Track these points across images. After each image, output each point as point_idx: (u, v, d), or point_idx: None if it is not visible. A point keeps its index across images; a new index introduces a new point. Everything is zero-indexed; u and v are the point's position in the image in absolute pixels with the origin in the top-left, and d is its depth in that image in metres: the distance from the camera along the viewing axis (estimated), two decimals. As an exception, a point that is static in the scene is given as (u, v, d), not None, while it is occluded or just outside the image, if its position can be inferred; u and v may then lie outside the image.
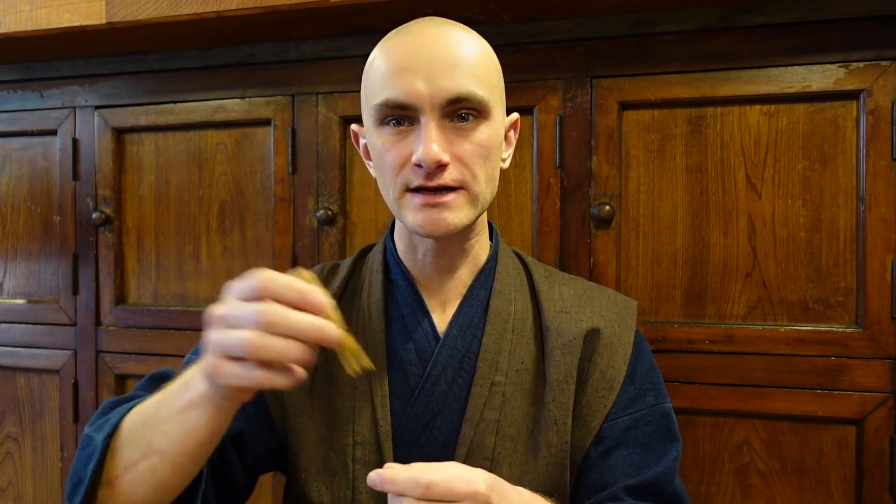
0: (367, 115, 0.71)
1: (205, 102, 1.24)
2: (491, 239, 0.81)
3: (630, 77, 1.05)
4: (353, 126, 0.80)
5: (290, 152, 1.19)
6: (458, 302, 0.76)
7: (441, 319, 0.76)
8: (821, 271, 1.01)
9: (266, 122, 1.22)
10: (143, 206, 1.29)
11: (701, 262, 1.05)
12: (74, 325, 1.32)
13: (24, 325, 1.35)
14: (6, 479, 1.38)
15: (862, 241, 0.98)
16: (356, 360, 0.57)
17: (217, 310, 0.53)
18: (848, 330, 0.99)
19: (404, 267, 0.78)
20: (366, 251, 0.85)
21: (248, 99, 1.22)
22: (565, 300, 0.78)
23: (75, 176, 1.31)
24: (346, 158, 1.18)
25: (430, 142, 0.65)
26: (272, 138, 1.21)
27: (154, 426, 0.60)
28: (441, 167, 0.66)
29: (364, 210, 1.18)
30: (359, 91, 1.23)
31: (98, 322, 1.30)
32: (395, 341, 0.75)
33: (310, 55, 1.18)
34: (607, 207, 1.05)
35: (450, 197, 0.67)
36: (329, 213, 1.16)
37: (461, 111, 0.67)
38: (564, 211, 1.08)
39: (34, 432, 1.36)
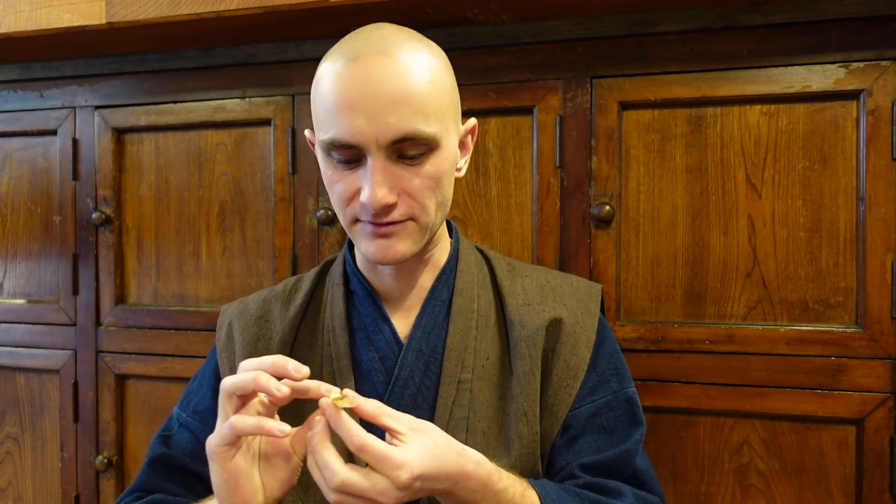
0: (317, 138, 0.70)
1: (205, 102, 1.24)
2: (451, 237, 0.82)
3: (630, 77, 1.05)
4: (307, 132, 0.79)
5: (290, 152, 1.19)
6: (419, 306, 0.77)
7: (404, 324, 0.77)
8: (821, 271, 1.00)
9: (266, 122, 1.22)
10: (143, 206, 1.29)
11: (701, 262, 1.05)
12: (74, 325, 1.32)
13: (24, 325, 1.35)
14: (6, 479, 1.38)
15: (862, 241, 0.98)
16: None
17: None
18: (848, 330, 0.99)
19: (363, 277, 0.78)
20: (329, 263, 0.86)
21: (248, 99, 1.22)
22: (528, 292, 0.79)
23: (75, 176, 1.31)
24: (346, 158, 1.18)
25: (376, 185, 0.64)
26: (272, 138, 1.21)
27: None
28: (388, 207, 0.66)
29: (364, 210, 1.18)
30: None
31: (98, 322, 1.30)
32: (359, 352, 0.76)
33: (310, 55, 1.18)
34: (607, 207, 1.05)
35: (398, 227, 0.68)
36: (329, 213, 1.16)
37: (408, 150, 0.66)
38: (564, 211, 1.08)
39: (34, 432, 1.36)
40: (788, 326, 1.01)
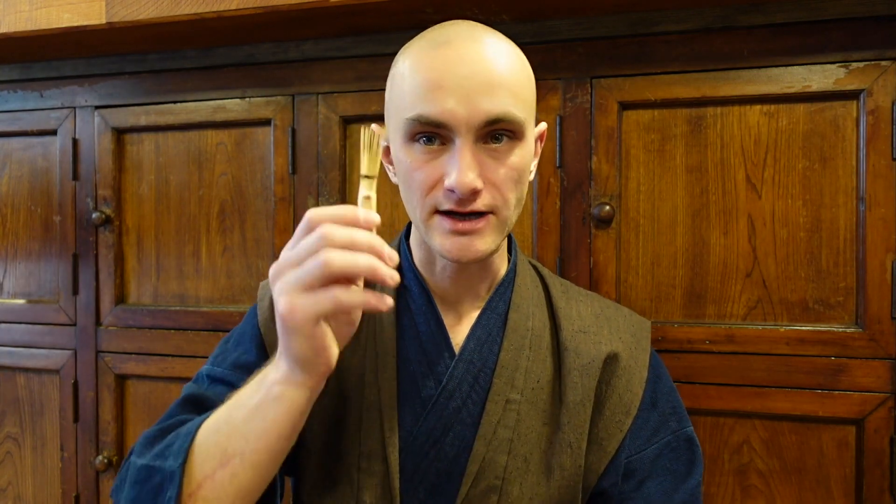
0: (395, 126, 0.67)
1: (205, 102, 1.24)
2: (509, 251, 0.79)
3: (630, 77, 1.05)
4: (374, 126, 0.73)
5: (290, 152, 1.19)
6: (474, 314, 0.74)
7: (455, 331, 0.74)
8: (821, 271, 1.00)
9: (266, 122, 1.22)
10: (143, 206, 1.29)
11: (701, 262, 1.05)
12: (74, 325, 1.32)
13: (24, 325, 1.35)
14: (6, 479, 1.38)
15: (862, 241, 0.98)
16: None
17: (277, 263, 0.54)
18: (848, 330, 0.99)
19: (419, 274, 0.75)
20: None
21: (248, 99, 1.22)
22: (583, 319, 0.77)
23: (75, 176, 1.31)
24: (346, 158, 1.18)
25: (466, 168, 0.62)
26: (272, 138, 1.21)
27: (229, 433, 0.58)
28: (475, 193, 0.63)
29: (364, 210, 1.18)
30: (360, 91, 1.22)
31: (98, 322, 1.30)
32: (407, 351, 0.73)
33: (310, 55, 1.18)
34: (607, 207, 1.05)
35: (480, 224, 0.65)
36: (329, 213, 1.16)
37: (496, 133, 0.64)
38: (564, 211, 1.08)
39: (34, 432, 1.36)
40: (788, 326, 1.01)
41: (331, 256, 0.51)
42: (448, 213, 0.65)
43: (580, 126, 1.07)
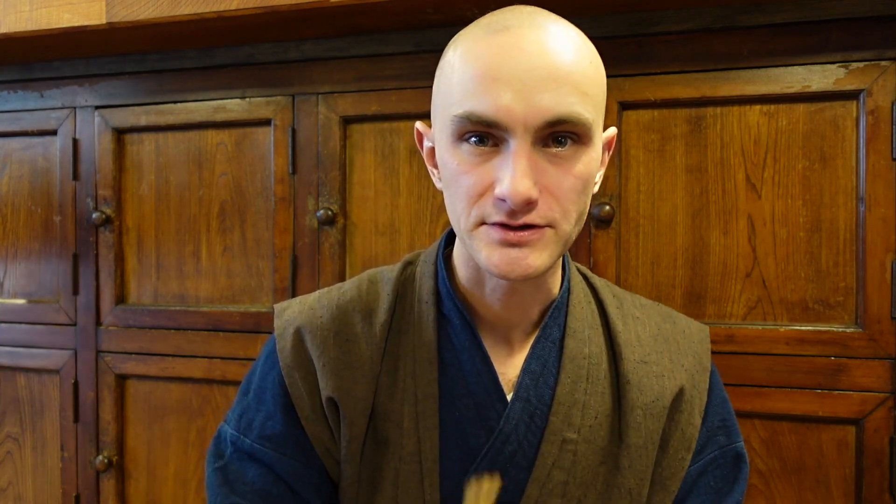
0: (441, 124, 0.59)
1: (205, 102, 1.24)
2: (563, 265, 0.70)
3: (630, 77, 1.05)
4: (419, 124, 0.67)
5: (290, 152, 1.19)
6: (527, 343, 0.66)
7: (507, 364, 0.66)
8: (821, 271, 1.01)
9: (266, 122, 1.22)
10: (144, 206, 1.29)
11: (701, 262, 1.05)
12: (74, 325, 1.32)
13: (24, 325, 1.35)
14: (6, 479, 1.38)
15: (862, 241, 0.98)
16: None
17: None
18: (848, 330, 0.99)
19: (461, 301, 0.66)
20: (409, 263, 0.72)
21: (248, 99, 1.22)
22: (643, 344, 0.69)
23: (75, 176, 1.31)
24: (346, 158, 1.18)
25: (521, 175, 0.53)
26: (272, 138, 1.21)
27: None
28: (529, 204, 0.54)
29: (364, 210, 1.18)
30: (360, 91, 1.22)
31: (98, 322, 1.30)
32: (451, 394, 0.65)
33: (310, 55, 1.18)
34: (607, 207, 1.05)
35: (535, 235, 0.56)
36: (329, 213, 1.16)
37: (559, 135, 0.55)
38: (564, 211, 1.08)
39: (34, 432, 1.36)
40: (788, 326, 1.01)
41: None
42: (498, 225, 0.56)
43: (580, 126, 1.07)
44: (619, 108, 1.06)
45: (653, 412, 0.65)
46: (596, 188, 0.63)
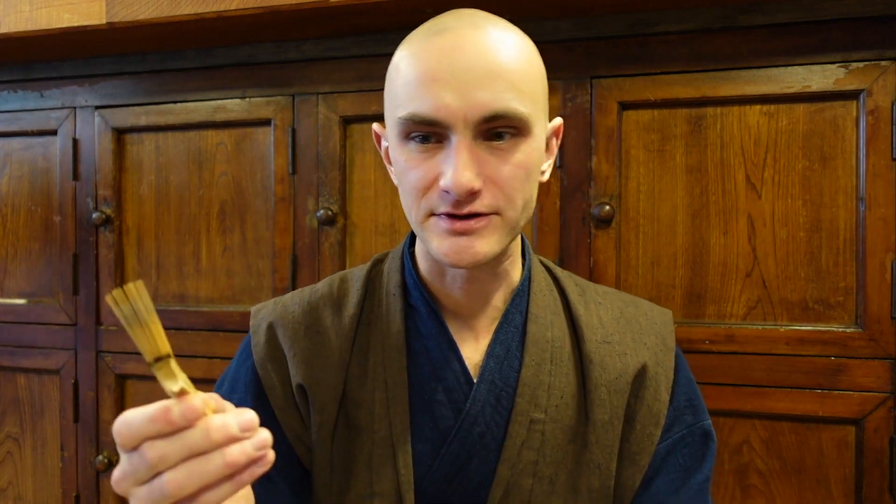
0: (391, 124, 0.63)
1: (205, 102, 1.24)
2: (523, 255, 0.73)
3: (630, 77, 1.05)
4: (375, 126, 0.70)
5: (290, 152, 1.19)
6: (490, 329, 0.69)
7: (472, 349, 0.69)
8: (821, 271, 1.01)
9: (266, 122, 1.22)
10: (143, 206, 1.29)
11: (701, 262, 1.05)
12: (74, 325, 1.32)
13: (24, 325, 1.35)
14: (6, 479, 1.38)
15: (862, 241, 0.98)
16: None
17: (121, 475, 0.43)
18: (848, 330, 0.99)
19: (426, 291, 0.69)
20: (379, 261, 0.76)
21: (248, 99, 1.22)
22: (605, 326, 0.72)
23: (75, 176, 1.31)
24: (346, 158, 1.18)
25: (461, 167, 0.56)
26: (272, 138, 1.21)
27: None
28: (472, 194, 0.58)
29: (364, 210, 1.18)
30: (360, 91, 1.22)
31: (98, 322, 1.30)
32: (421, 380, 0.68)
33: (310, 55, 1.18)
34: (607, 207, 1.05)
35: (481, 223, 0.59)
36: (329, 213, 1.16)
37: (497, 129, 0.58)
38: (564, 211, 1.08)
39: (34, 432, 1.36)
40: (788, 326, 1.01)
41: (165, 481, 0.41)
42: (445, 215, 0.60)
43: (580, 126, 1.07)
44: (619, 108, 1.06)
45: (616, 388, 0.68)
46: (545, 177, 0.67)
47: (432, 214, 0.61)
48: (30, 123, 1.34)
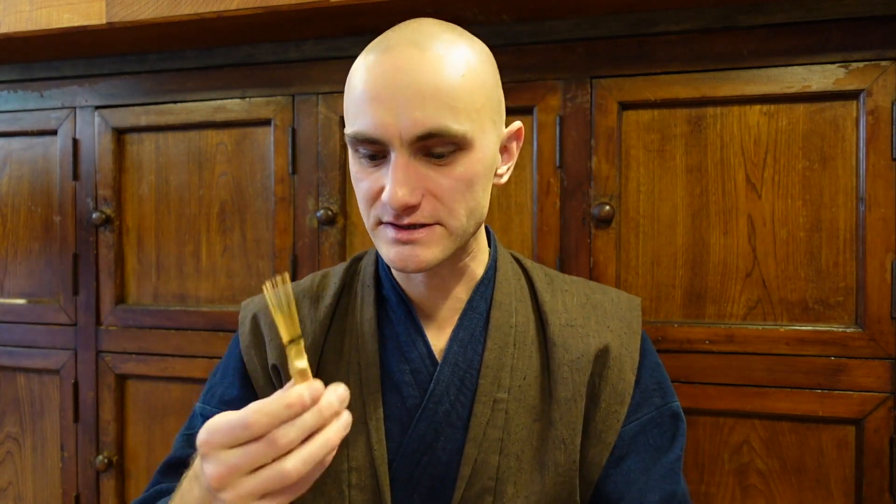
0: (346, 136, 0.67)
1: (205, 102, 1.24)
2: (490, 245, 0.77)
3: (630, 77, 1.05)
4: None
5: (290, 152, 1.19)
6: (455, 318, 0.73)
7: (438, 336, 0.73)
8: (820, 271, 1.01)
9: (266, 122, 1.22)
10: (144, 206, 1.29)
11: (701, 262, 1.05)
12: (74, 325, 1.32)
13: (24, 325, 1.35)
14: (6, 479, 1.38)
15: (862, 241, 0.98)
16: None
17: (224, 471, 0.49)
18: (848, 330, 0.99)
19: (396, 283, 0.74)
20: (358, 259, 0.82)
21: (248, 99, 1.22)
22: (570, 311, 0.75)
23: (75, 176, 1.31)
24: (346, 158, 1.18)
25: (396, 184, 0.60)
26: (272, 138, 1.21)
27: None
28: (410, 207, 0.61)
29: (364, 210, 1.18)
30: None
31: (98, 322, 1.30)
32: (390, 362, 0.72)
33: (310, 55, 1.18)
34: (607, 207, 1.05)
35: (422, 233, 0.63)
36: (329, 213, 1.16)
37: (434, 146, 0.61)
38: (564, 211, 1.08)
39: (34, 432, 1.36)
40: (788, 326, 1.01)
41: (288, 468, 0.48)
42: (391, 224, 0.64)
43: (580, 126, 1.07)
44: (619, 108, 1.06)
45: (578, 367, 0.72)
46: (504, 179, 0.71)
47: (381, 223, 0.65)
48: (30, 123, 1.34)
